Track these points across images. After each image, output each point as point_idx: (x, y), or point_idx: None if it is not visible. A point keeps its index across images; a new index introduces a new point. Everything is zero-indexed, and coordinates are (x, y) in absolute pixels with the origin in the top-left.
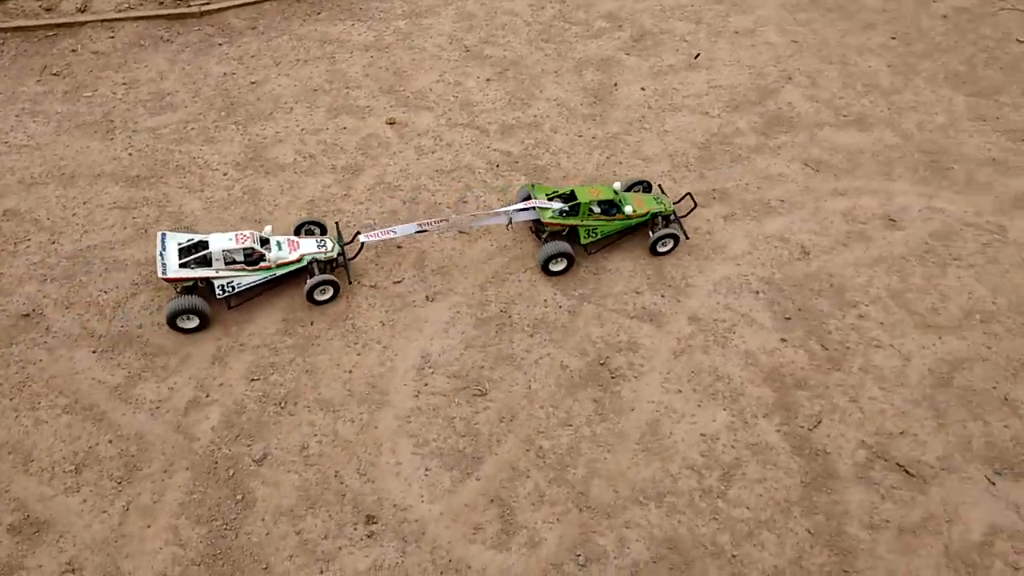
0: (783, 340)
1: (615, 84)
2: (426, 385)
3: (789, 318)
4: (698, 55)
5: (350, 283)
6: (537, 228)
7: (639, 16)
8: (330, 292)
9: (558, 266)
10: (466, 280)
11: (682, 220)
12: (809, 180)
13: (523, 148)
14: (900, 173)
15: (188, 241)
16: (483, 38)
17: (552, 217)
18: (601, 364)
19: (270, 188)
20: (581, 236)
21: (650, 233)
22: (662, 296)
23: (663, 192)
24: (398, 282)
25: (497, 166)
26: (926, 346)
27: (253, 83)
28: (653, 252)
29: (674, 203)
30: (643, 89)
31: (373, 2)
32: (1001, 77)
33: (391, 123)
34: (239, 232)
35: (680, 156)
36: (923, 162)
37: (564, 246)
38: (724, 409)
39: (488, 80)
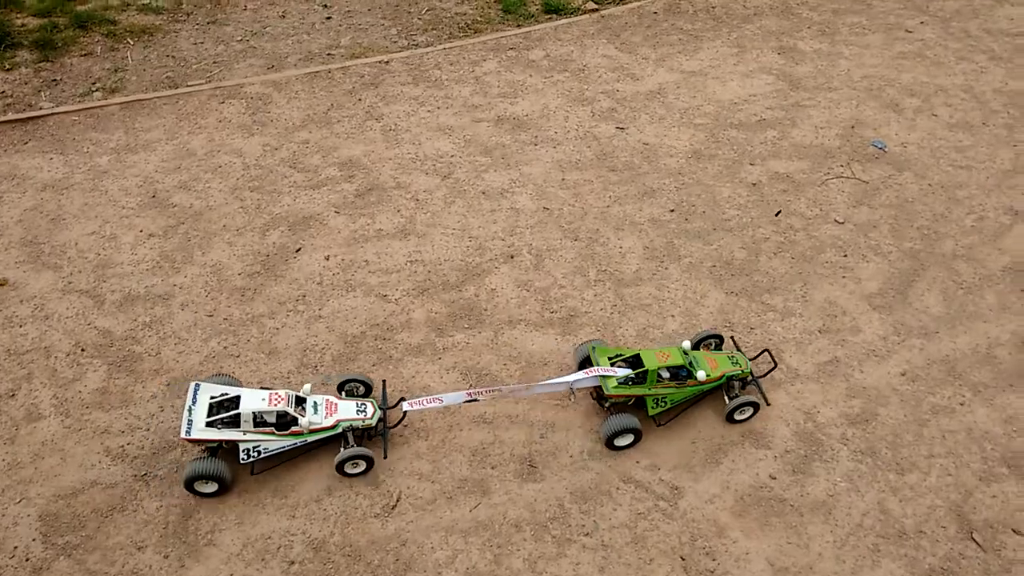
0: None
1: (298, 249)
2: None
3: None
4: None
5: (385, 457)
6: (599, 395)
7: (382, 166)
8: (362, 466)
9: (624, 441)
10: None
11: (760, 381)
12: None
13: (129, 327)
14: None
15: (222, 396)
16: (182, 182)
17: (616, 388)
18: None
19: None
20: (649, 407)
21: (725, 399)
22: None
23: (738, 348)
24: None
25: (82, 350)
26: None
27: None
28: (730, 420)
29: (750, 360)
30: (327, 258)
31: (92, 132)
32: (786, 270)
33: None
34: (274, 391)
35: (316, 353)
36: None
37: (631, 420)
38: None
39: (150, 236)
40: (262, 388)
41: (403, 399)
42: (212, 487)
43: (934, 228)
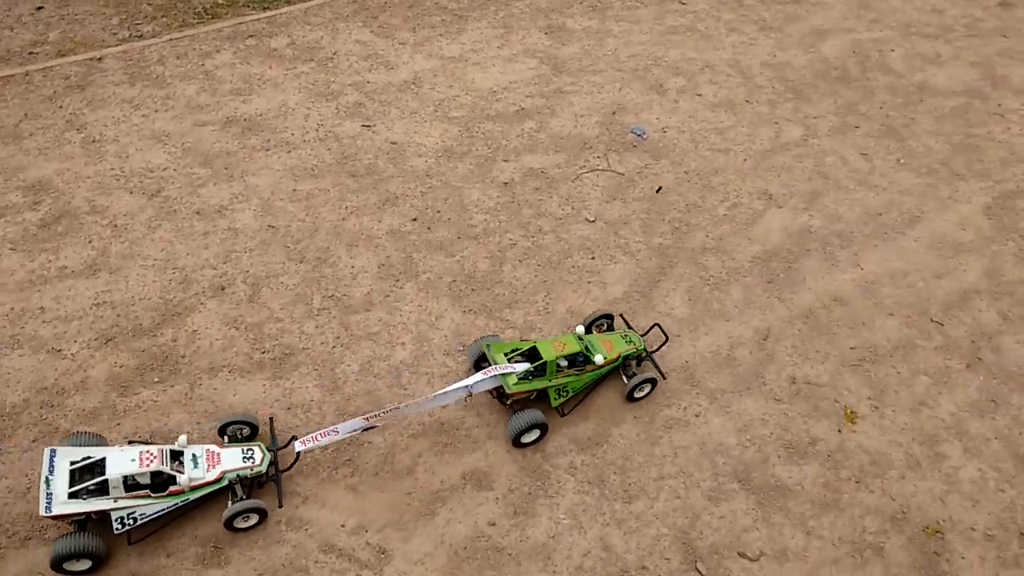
0: None
1: None
2: None
3: None
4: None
5: (281, 505)
6: (499, 394)
7: (77, 186)
8: (255, 519)
9: (531, 437)
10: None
11: (654, 356)
12: None
13: None
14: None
15: (84, 460)
16: None
17: (517, 384)
18: None
19: None
20: (552, 398)
21: (624, 379)
22: None
23: (629, 326)
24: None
25: None
26: None
27: None
28: (630, 399)
29: (642, 335)
30: None
31: None
32: (531, 279)
33: None
34: (144, 450)
35: None
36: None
37: (536, 415)
38: None
39: None
40: (129, 444)
41: (295, 438)
42: (85, 565)
43: (686, 220)
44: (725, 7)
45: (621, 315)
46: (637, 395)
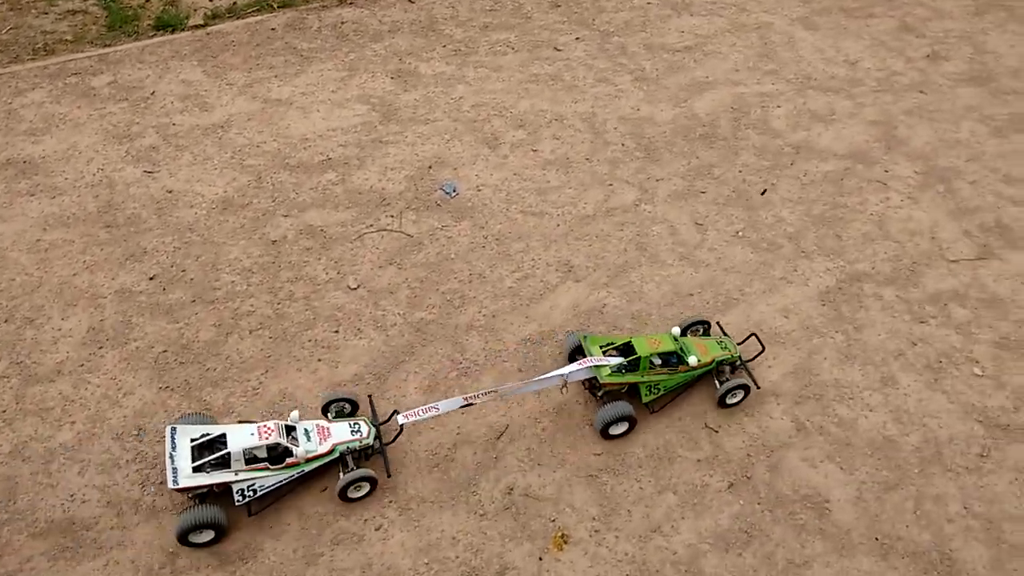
0: None
1: None
2: None
3: None
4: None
5: (389, 475)
6: (591, 385)
7: None
8: (366, 488)
9: (619, 429)
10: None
11: (749, 365)
12: None
13: None
14: None
15: (203, 437)
16: None
17: (610, 376)
18: None
19: None
20: (643, 394)
21: (716, 384)
22: None
23: (724, 333)
24: None
25: None
26: None
27: None
28: (722, 405)
29: (738, 344)
30: None
31: None
32: (254, 353)
33: None
34: (262, 425)
35: None
36: None
37: (626, 408)
38: None
39: None
40: (240, 422)
41: (396, 412)
42: (208, 535)
43: (463, 292)
44: (604, 55)
45: (718, 323)
46: (730, 401)
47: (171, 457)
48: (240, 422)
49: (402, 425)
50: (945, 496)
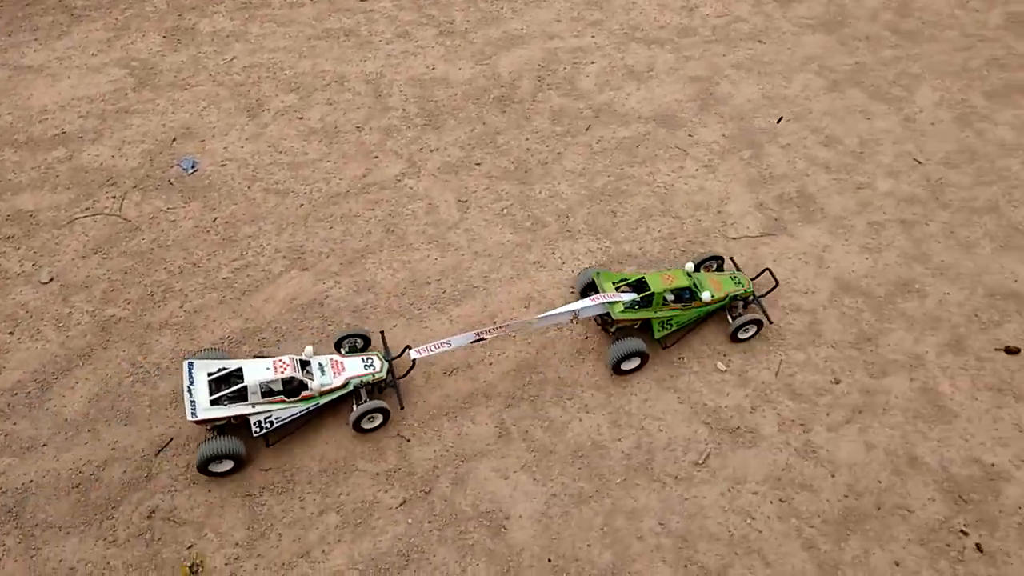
0: None
1: None
2: None
3: None
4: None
5: (402, 408)
6: (603, 321)
7: None
8: (379, 419)
9: (631, 364)
10: None
11: (762, 301)
12: None
13: None
14: None
15: (220, 371)
16: None
17: (623, 312)
18: None
19: None
20: (655, 330)
21: (729, 319)
22: None
23: (738, 268)
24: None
25: None
26: None
27: None
28: (734, 339)
29: (751, 279)
30: None
31: None
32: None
33: None
34: (277, 359)
35: None
36: None
37: (638, 344)
38: None
39: None
40: (256, 357)
41: (408, 347)
42: (227, 465)
43: (169, 284)
44: (413, 6)
45: (731, 258)
46: (742, 336)
47: (189, 391)
48: (256, 356)
49: (414, 360)
50: (642, 510)
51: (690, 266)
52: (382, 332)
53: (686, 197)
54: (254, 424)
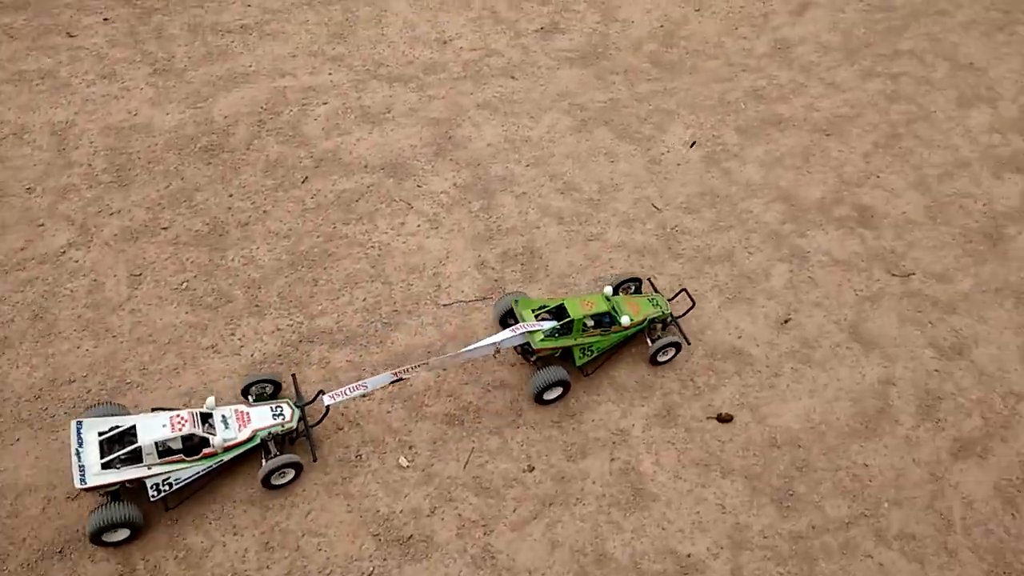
0: None
1: None
2: None
3: None
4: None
5: (315, 460)
6: (524, 351)
7: None
8: (291, 475)
9: (553, 394)
10: None
11: (679, 321)
12: None
13: None
14: None
15: (112, 430)
16: None
17: (543, 341)
18: None
19: None
20: (576, 357)
21: (648, 342)
22: None
23: (655, 290)
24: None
25: None
26: None
27: None
28: (653, 363)
29: (669, 299)
30: None
31: None
32: None
33: None
34: (175, 414)
35: None
36: None
37: (560, 373)
38: None
39: None
40: (154, 411)
41: (322, 392)
42: (123, 534)
43: None
44: (130, 41)
45: (649, 279)
46: (661, 359)
47: (77, 454)
48: (155, 409)
49: (327, 407)
50: None
51: (608, 290)
52: (293, 375)
53: (401, 258)
54: (151, 487)
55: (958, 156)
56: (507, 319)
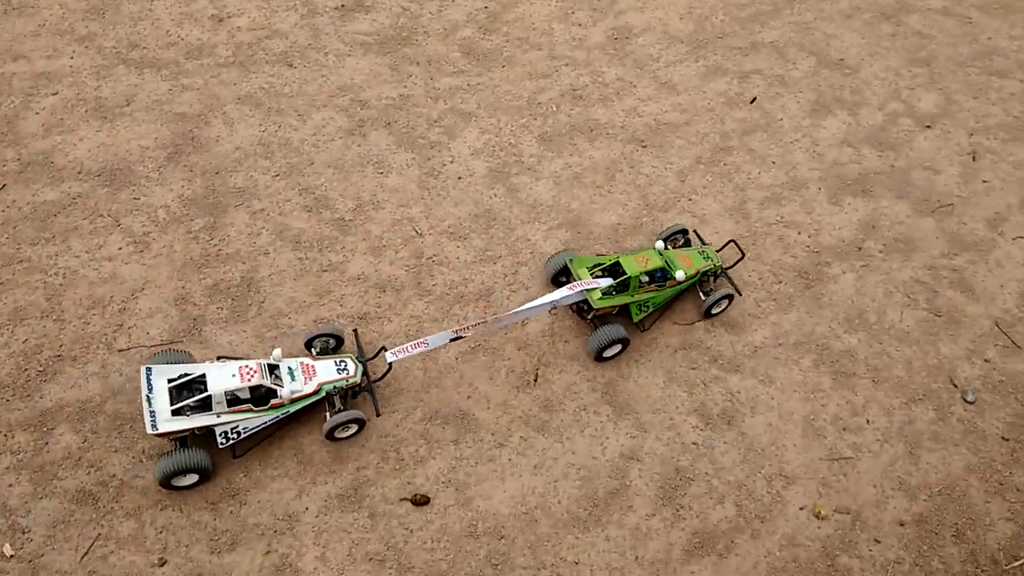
0: None
1: None
2: None
3: None
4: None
5: (378, 415)
6: (580, 309)
7: None
8: (354, 429)
9: (613, 351)
10: None
11: (729, 273)
12: None
13: None
14: None
15: (181, 378)
16: None
17: (602, 300)
18: None
19: None
20: (633, 313)
21: (701, 295)
22: None
23: (703, 242)
24: None
25: None
26: None
27: None
28: (707, 315)
29: (717, 251)
30: None
31: None
32: None
33: None
34: (243, 364)
35: None
36: None
37: (619, 330)
38: None
39: None
40: (220, 360)
41: (384, 348)
42: (192, 479)
43: None
44: None
45: (695, 230)
46: (715, 311)
47: (148, 400)
48: (219, 358)
49: (390, 363)
50: None
51: (660, 244)
52: (355, 331)
53: (86, 290)
54: (219, 435)
55: (793, 175)
56: (559, 277)
